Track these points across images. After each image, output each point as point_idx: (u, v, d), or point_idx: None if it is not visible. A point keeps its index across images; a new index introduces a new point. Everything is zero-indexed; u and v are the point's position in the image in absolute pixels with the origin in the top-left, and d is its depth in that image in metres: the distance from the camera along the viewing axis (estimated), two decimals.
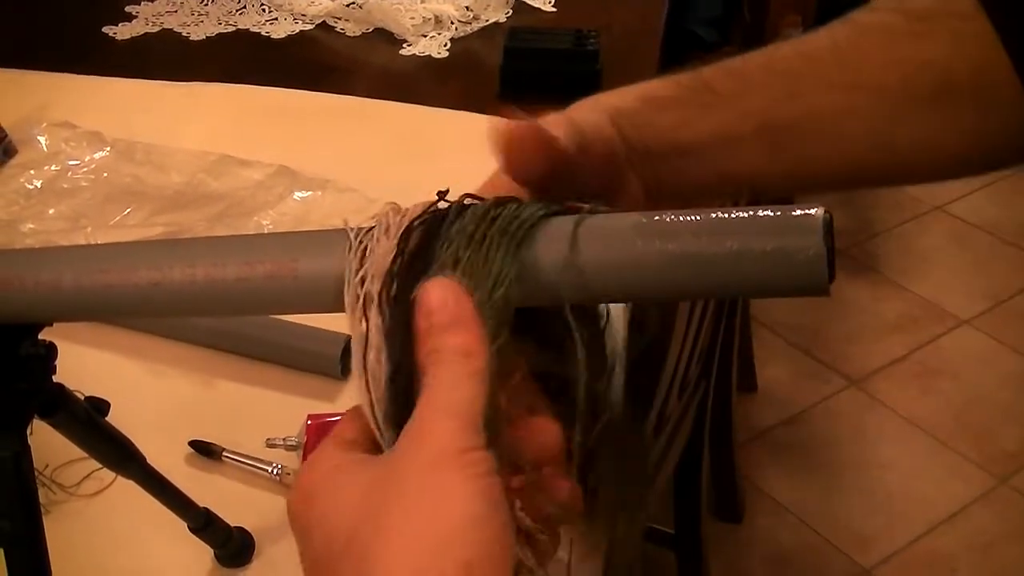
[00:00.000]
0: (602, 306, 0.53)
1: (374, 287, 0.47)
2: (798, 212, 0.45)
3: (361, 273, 0.48)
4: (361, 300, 0.48)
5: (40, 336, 0.59)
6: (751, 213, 0.46)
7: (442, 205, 0.50)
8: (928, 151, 0.63)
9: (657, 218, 0.47)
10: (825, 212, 0.45)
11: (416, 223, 0.49)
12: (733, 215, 0.46)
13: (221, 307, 0.52)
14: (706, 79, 0.62)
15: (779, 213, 0.45)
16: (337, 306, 0.49)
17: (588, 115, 0.59)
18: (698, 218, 0.46)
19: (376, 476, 0.44)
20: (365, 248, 0.49)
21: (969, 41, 0.61)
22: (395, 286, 0.47)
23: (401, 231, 0.48)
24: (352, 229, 0.50)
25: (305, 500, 0.45)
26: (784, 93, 0.62)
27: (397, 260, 0.48)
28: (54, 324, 0.58)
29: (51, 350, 0.60)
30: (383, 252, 0.48)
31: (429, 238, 0.48)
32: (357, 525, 0.42)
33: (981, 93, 0.61)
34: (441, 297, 0.45)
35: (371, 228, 0.50)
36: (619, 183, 0.60)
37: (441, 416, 0.43)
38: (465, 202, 0.50)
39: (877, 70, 0.62)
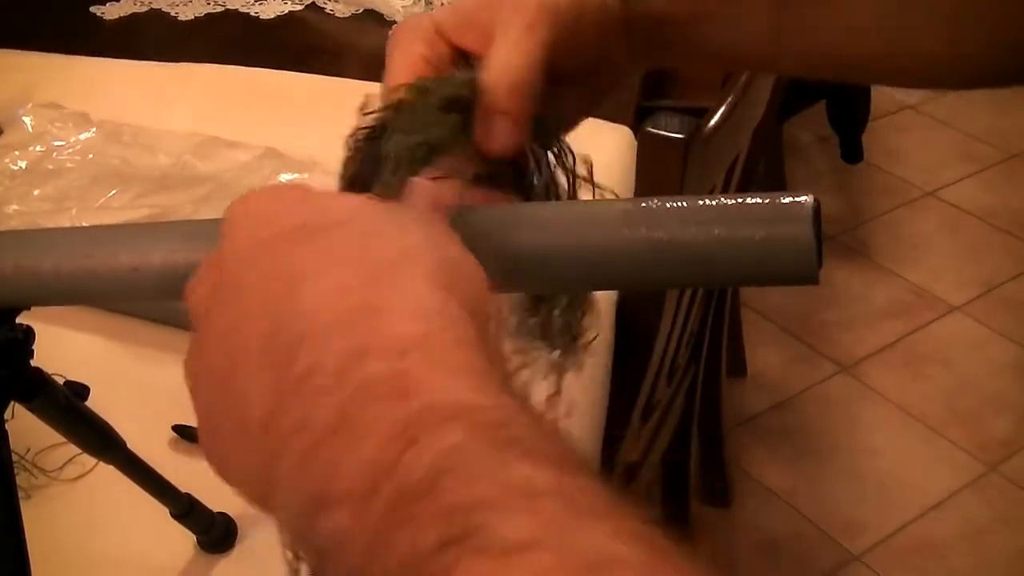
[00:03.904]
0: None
1: None
2: (787, 200, 0.45)
3: None
4: None
5: (19, 320, 0.59)
6: (739, 200, 0.45)
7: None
8: (939, 52, 0.61)
9: (644, 205, 0.46)
10: (814, 199, 0.44)
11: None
12: (721, 202, 0.46)
13: None
14: None
15: (767, 200, 0.45)
16: None
17: None
18: (685, 205, 0.46)
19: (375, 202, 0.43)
20: None
21: None
22: None
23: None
24: None
25: (274, 191, 0.43)
26: None
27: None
28: (31, 308, 0.57)
29: (29, 334, 0.60)
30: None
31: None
32: (372, 211, 0.41)
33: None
34: None
35: None
36: (606, 53, 0.60)
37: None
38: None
39: None
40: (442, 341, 0.34)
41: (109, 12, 1.59)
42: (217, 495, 0.82)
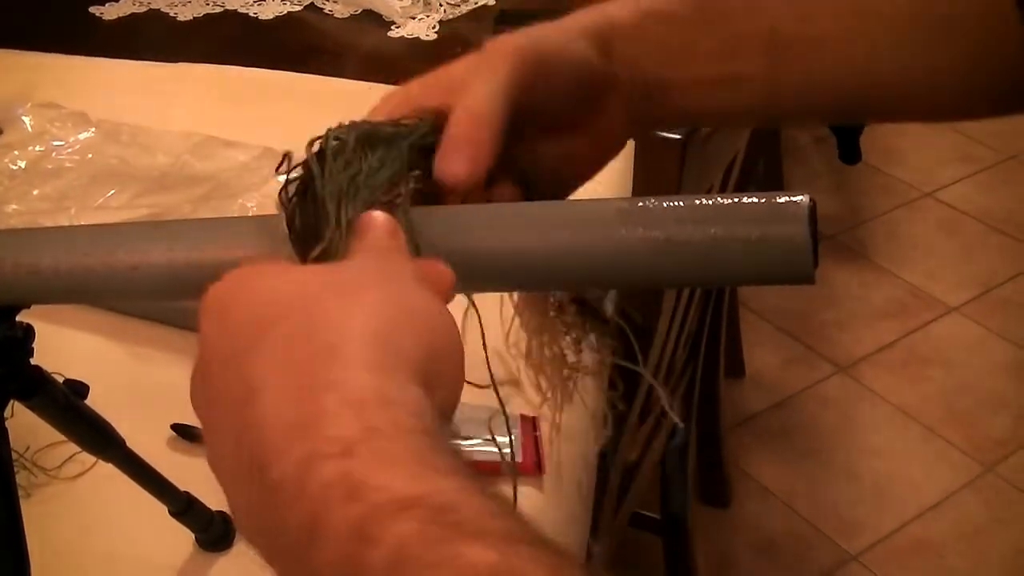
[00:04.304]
0: None
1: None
2: (783, 199, 0.45)
3: None
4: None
5: (18, 318, 0.59)
6: (735, 200, 0.46)
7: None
8: (931, 83, 0.62)
9: (640, 204, 0.47)
10: (810, 199, 0.45)
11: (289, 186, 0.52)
12: (717, 202, 0.46)
13: (200, 291, 0.51)
14: None
15: (763, 200, 0.45)
16: None
17: (556, 37, 0.59)
18: (682, 204, 0.46)
19: (323, 269, 0.45)
20: None
21: None
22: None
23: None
24: None
25: (233, 286, 0.44)
26: (793, 15, 0.61)
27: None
28: (31, 306, 0.58)
29: (29, 332, 0.60)
30: None
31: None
32: (313, 294, 0.41)
33: (983, 24, 0.61)
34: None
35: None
36: (595, 107, 0.60)
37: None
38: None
39: None
40: (381, 434, 0.36)
41: (108, 12, 1.59)
42: (216, 493, 0.82)
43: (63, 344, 0.94)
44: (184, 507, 0.80)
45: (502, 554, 0.32)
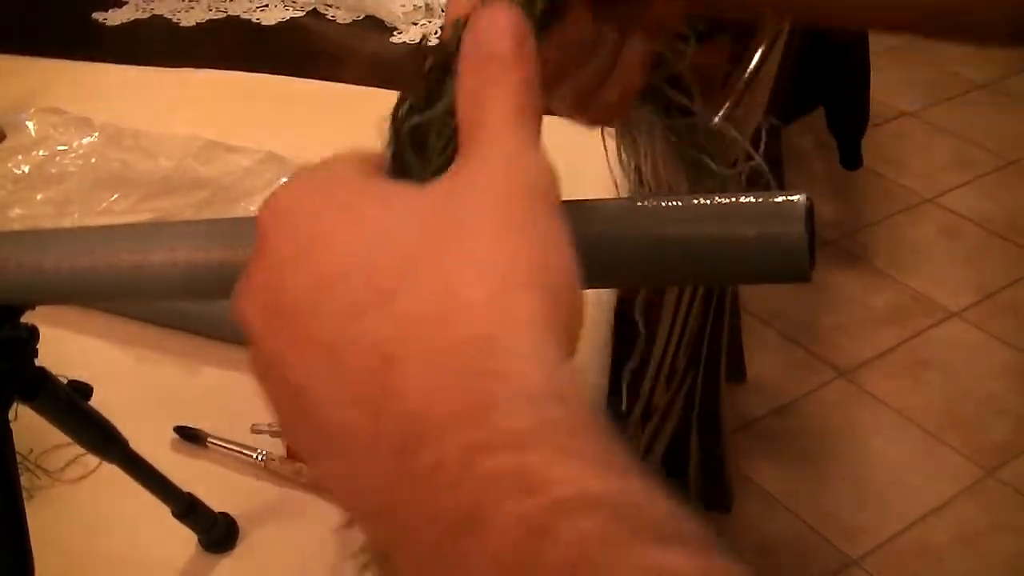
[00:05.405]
0: None
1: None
2: (780, 199, 0.45)
3: None
4: None
5: (23, 320, 0.59)
6: (733, 199, 0.46)
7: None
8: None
9: (639, 203, 0.47)
10: (807, 198, 0.45)
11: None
12: (715, 200, 0.46)
13: (203, 291, 0.52)
14: None
15: (761, 199, 0.46)
16: None
17: None
18: (679, 203, 0.46)
19: (441, 206, 0.38)
20: None
21: None
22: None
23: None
24: None
25: (324, 199, 0.39)
26: None
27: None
28: (36, 308, 0.58)
29: (33, 333, 0.60)
30: None
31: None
32: (438, 251, 0.36)
33: None
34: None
35: None
36: None
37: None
38: None
39: None
40: (559, 427, 0.33)
41: (111, 18, 1.60)
42: (219, 495, 0.83)
43: (67, 347, 0.94)
44: (187, 508, 0.80)
45: (696, 561, 0.30)
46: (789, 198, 0.45)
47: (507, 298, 0.35)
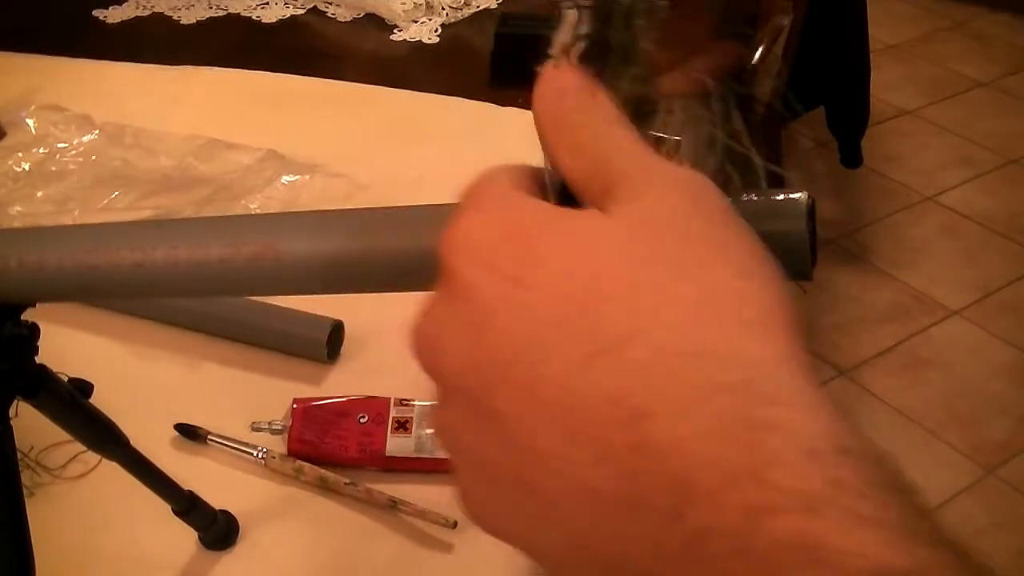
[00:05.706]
0: None
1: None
2: (781, 197, 0.45)
3: None
4: None
5: (24, 317, 0.59)
6: (733, 197, 0.46)
7: None
8: None
9: None
10: (808, 196, 0.45)
11: None
12: None
13: (204, 288, 0.52)
14: None
15: (761, 197, 0.45)
16: (320, 289, 0.49)
17: None
18: None
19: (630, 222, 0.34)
20: None
21: None
22: None
23: None
24: None
25: (520, 239, 0.35)
26: None
27: None
28: (37, 305, 0.58)
29: (34, 331, 0.60)
30: None
31: None
32: (666, 284, 0.33)
33: None
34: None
35: None
36: None
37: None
38: None
39: None
40: (849, 488, 0.29)
41: (111, 15, 1.60)
42: (219, 493, 0.83)
43: (68, 344, 0.94)
44: (187, 506, 0.80)
45: None
46: (790, 196, 0.45)
47: (749, 333, 0.33)
